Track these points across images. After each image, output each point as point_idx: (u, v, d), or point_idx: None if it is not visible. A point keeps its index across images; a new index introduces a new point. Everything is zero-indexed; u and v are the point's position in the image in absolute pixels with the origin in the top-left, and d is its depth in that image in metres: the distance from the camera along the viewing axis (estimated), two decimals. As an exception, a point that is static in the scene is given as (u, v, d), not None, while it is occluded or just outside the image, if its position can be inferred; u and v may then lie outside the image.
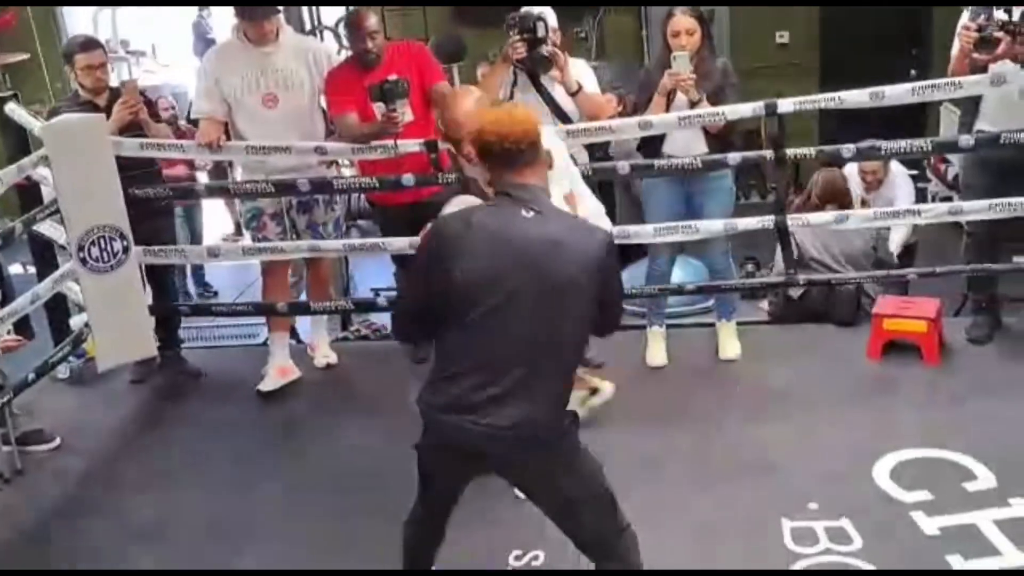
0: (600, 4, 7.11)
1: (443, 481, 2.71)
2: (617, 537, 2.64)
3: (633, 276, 5.16)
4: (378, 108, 4.13)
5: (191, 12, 13.94)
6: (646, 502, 3.46)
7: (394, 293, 5.36)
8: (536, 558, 3.30)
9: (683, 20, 4.07)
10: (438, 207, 4.39)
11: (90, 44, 4.43)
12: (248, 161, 4.53)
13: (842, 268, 4.78)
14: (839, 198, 5.14)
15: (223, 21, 14.34)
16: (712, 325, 4.69)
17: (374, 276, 6.53)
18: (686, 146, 4.21)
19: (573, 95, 4.23)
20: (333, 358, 4.81)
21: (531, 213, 2.46)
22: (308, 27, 5.85)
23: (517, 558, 3.31)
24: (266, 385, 4.52)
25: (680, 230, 4.27)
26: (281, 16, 4.50)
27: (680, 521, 3.36)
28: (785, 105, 4.08)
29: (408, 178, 4.27)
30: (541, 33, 4.13)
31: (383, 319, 5.35)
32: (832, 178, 5.21)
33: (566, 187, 3.20)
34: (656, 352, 4.52)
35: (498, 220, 2.48)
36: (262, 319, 5.06)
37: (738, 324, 4.60)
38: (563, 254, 2.43)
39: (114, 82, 4.71)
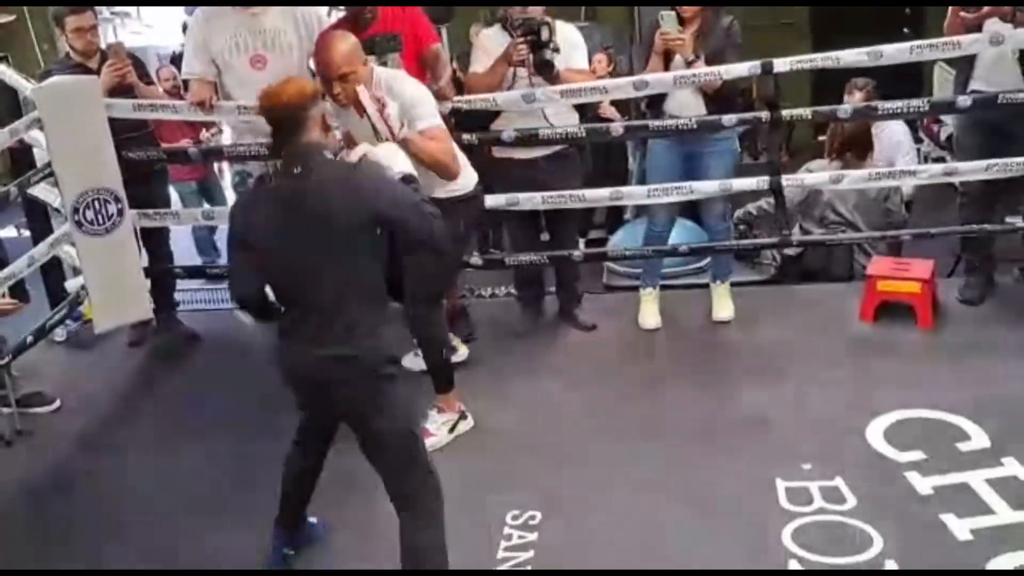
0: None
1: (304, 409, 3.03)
2: (421, 485, 2.80)
3: (627, 237, 5.20)
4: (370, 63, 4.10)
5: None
6: (642, 464, 3.54)
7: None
8: (533, 517, 3.31)
9: None
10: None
11: (80, 8, 4.36)
12: (237, 123, 4.50)
13: (854, 218, 4.76)
14: (863, 140, 5.06)
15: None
16: (705, 286, 4.71)
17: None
18: (684, 106, 4.19)
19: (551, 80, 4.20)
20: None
21: (299, 168, 2.69)
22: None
23: (515, 518, 3.32)
24: None
25: (674, 191, 4.27)
26: None
27: (677, 483, 3.39)
28: (781, 65, 4.06)
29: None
30: (545, 36, 4.09)
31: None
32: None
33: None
34: (649, 314, 4.53)
35: (274, 179, 2.76)
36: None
37: (732, 285, 4.62)
38: (333, 200, 2.66)
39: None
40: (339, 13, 4.65)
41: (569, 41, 4.23)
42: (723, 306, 4.54)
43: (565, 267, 4.58)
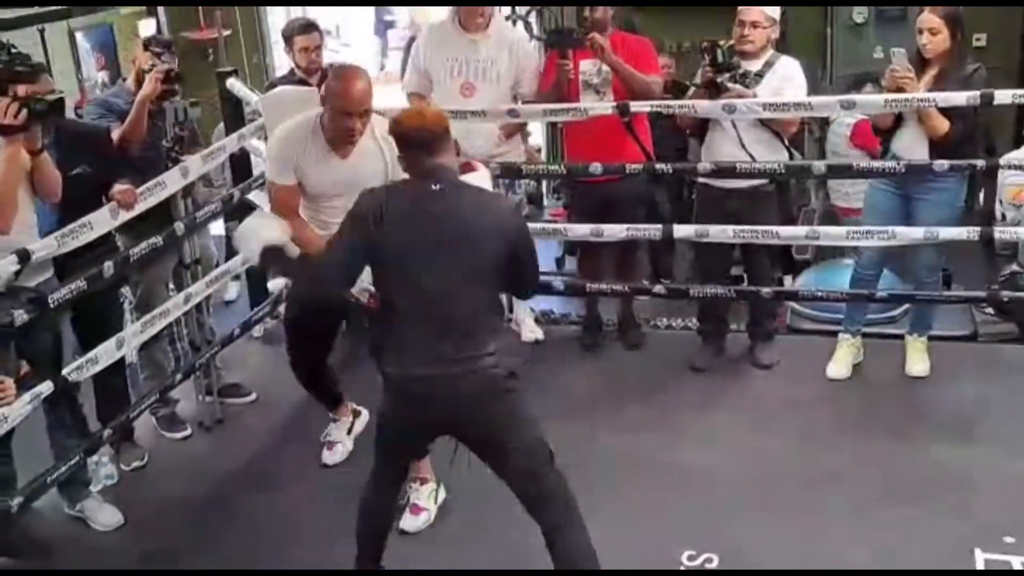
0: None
1: (406, 443, 3.00)
2: (557, 482, 2.85)
3: (816, 278, 5.05)
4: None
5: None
6: (825, 514, 3.42)
7: (565, 277, 5.43)
8: (710, 560, 3.26)
9: (926, 18, 3.88)
10: (629, 193, 4.49)
11: (309, 27, 4.61)
12: None
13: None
14: None
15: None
16: (896, 337, 4.50)
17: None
18: (908, 149, 4.01)
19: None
20: (540, 334, 4.87)
21: (438, 187, 2.73)
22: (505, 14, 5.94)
23: (690, 558, 3.28)
24: None
25: (876, 235, 4.11)
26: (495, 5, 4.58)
27: (862, 538, 3.26)
28: (1002, 96, 3.82)
29: (596, 167, 4.28)
30: (721, 59, 4.06)
31: (550, 303, 5.38)
32: None
33: None
34: (841, 362, 4.35)
35: (410, 194, 2.79)
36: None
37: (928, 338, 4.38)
38: (468, 220, 2.73)
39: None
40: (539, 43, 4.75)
41: (782, 74, 4.16)
42: (918, 361, 4.31)
43: (758, 304, 4.48)
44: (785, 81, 4.15)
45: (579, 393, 4.35)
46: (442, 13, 4.68)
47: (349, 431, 3.92)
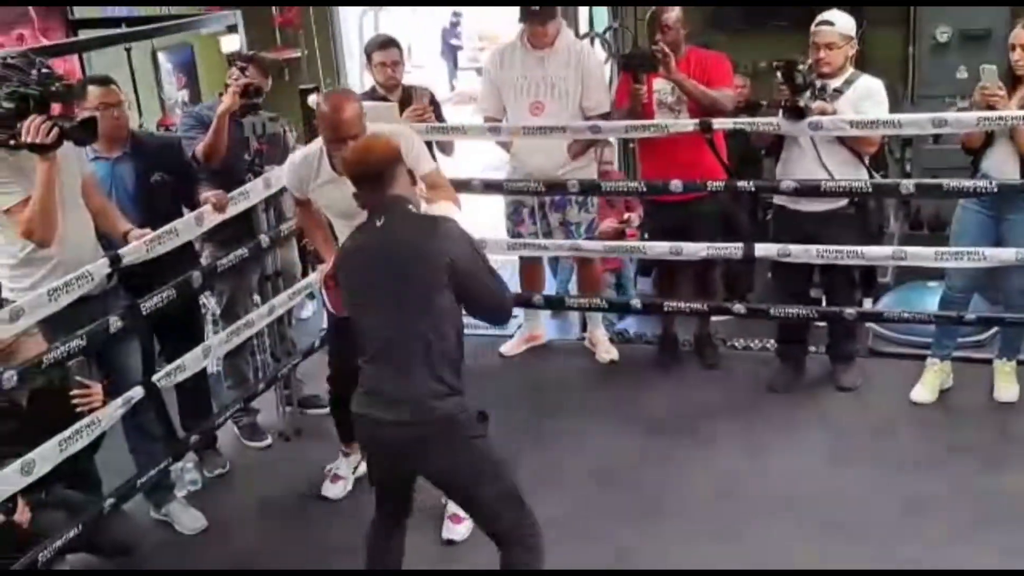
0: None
1: (389, 483, 2.92)
2: (519, 519, 2.79)
3: (899, 300, 4.94)
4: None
5: (443, 17, 14.60)
6: (914, 543, 3.34)
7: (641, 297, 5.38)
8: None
9: (1020, 34, 3.79)
10: (707, 211, 4.47)
11: (387, 43, 4.65)
12: (514, 156, 4.68)
13: None
14: None
15: (471, 30, 15.05)
16: (983, 362, 4.39)
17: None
18: (999, 168, 3.94)
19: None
20: (615, 354, 4.86)
21: (381, 221, 2.75)
22: (582, 32, 5.94)
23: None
24: (507, 348, 4.94)
25: (966, 256, 4.01)
26: (560, 20, 4.59)
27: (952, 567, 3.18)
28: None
29: (676, 184, 4.26)
30: (800, 81, 3.99)
31: (625, 322, 5.35)
32: None
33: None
34: (928, 387, 4.27)
35: (360, 235, 2.82)
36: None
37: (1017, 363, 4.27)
38: (405, 254, 2.71)
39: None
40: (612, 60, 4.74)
41: (863, 91, 4.09)
42: (1008, 386, 4.22)
43: (839, 325, 4.40)
44: (865, 99, 4.08)
45: (656, 414, 4.32)
46: (512, 34, 4.71)
47: (355, 469, 3.87)
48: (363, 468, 3.71)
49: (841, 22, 4.07)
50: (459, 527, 3.51)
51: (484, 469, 2.75)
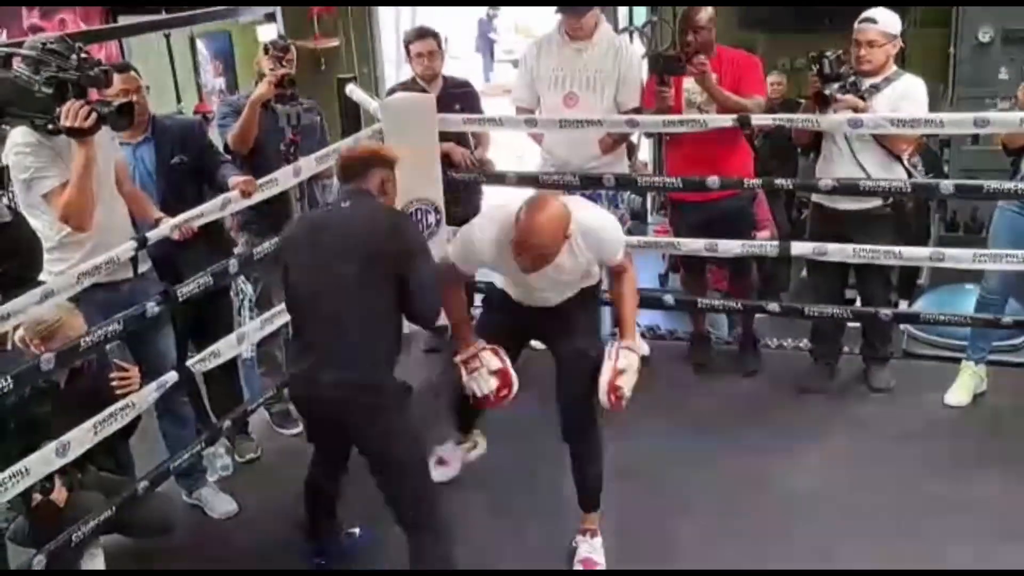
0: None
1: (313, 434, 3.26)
2: (431, 509, 3.01)
3: (934, 302, 4.90)
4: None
5: (480, 10, 14.60)
6: (938, 552, 3.29)
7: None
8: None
9: None
10: (739, 210, 4.44)
11: (424, 33, 4.66)
12: (545, 151, 4.66)
13: None
14: None
15: (507, 23, 15.05)
16: (1018, 365, 4.38)
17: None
18: None
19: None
20: (646, 350, 4.83)
21: (347, 203, 3.01)
22: (621, 27, 5.93)
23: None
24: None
25: (1004, 259, 3.96)
26: (598, 11, 4.56)
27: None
28: None
29: (713, 180, 4.22)
30: (827, 70, 3.98)
31: (656, 318, 5.32)
32: None
33: None
34: (963, 389, 4.23)
35: (321, 212, 3.12)
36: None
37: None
38: (356, 233, 2.93)
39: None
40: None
41: (902, 90, 4.05)
42: (1044, 389, 4.17)
43: (874, 326, 4.36)
44: (903, 98, 4.03)
45: (687, 410, 4.30)
46: (550, 25, 4.69)
47: (468, 451, 3.79)
48: (474, 455, 3.81)
49: (884, 20, 4.03)
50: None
51: (400, 433, 2.94)
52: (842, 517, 3.51)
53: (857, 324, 4.46)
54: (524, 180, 4.51)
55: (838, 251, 4.12)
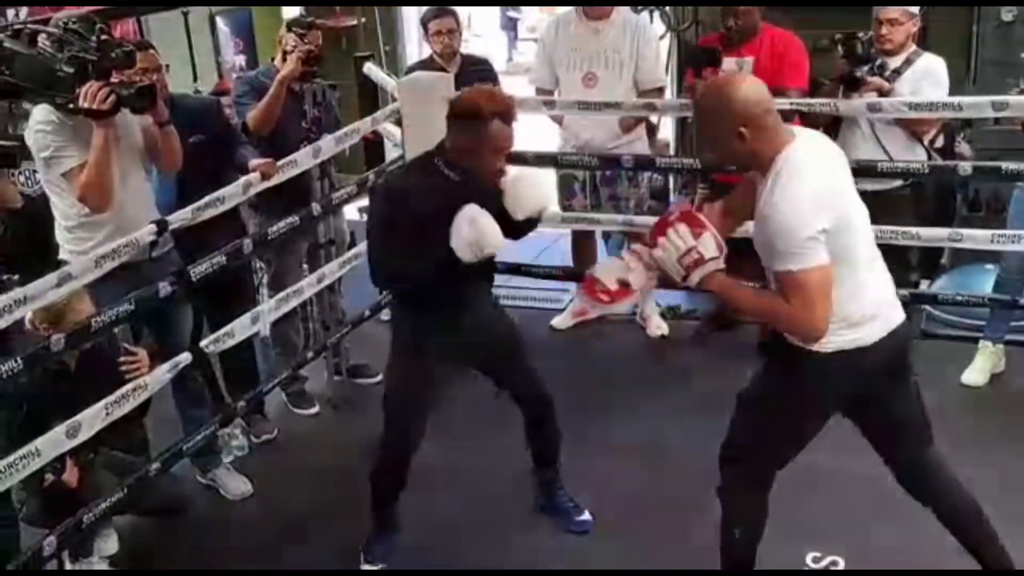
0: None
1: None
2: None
3: (952, 283, 4.85)
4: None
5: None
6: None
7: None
8: (835, 563, 3.23)
9: None
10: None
11: (442, 11, 4.65)
12: (565, 128, 4.64)
13: None
14: None
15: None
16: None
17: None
18: None
19: None
20: (665, 329, 4.85)
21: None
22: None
23: (815, 560, 3.24)
24: (559, 322, 4.92)
25: (1022, 240, 3.91)
26: None
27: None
28: None
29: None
30: (859, 51, 3.96)
31: (676, 297, 5.30)
32: None
33: None
34: (980, 370, 4.21)
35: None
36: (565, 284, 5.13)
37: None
38: None
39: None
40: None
41: (923, 71, 4.01)
42: (1063, 370, 4.14)
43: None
44: (924, 79, 4.01)
45: (706, 390, 4.24)
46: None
47: None
48: None
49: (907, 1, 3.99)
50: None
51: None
52: (854, 495, 3.50)
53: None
54: (543, 160, 4.50)
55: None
